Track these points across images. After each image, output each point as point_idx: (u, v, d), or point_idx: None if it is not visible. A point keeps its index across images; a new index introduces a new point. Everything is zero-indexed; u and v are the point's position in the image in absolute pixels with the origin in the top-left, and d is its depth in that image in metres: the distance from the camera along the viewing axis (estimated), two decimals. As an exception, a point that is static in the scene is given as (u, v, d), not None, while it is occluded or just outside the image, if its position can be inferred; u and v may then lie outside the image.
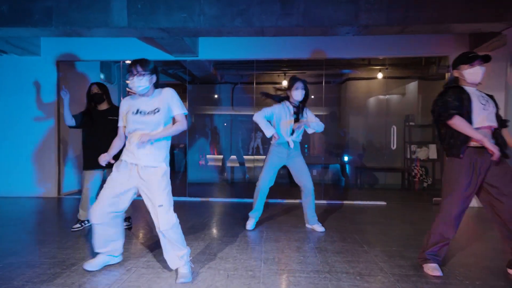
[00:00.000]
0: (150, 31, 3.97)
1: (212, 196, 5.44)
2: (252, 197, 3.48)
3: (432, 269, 2.33)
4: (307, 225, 3.53)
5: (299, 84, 3.30)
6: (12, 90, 5.19)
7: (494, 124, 2.26)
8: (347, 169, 6.88)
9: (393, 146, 4.97)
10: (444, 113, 2.23)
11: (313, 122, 3.37)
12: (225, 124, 7.85)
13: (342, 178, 6.85)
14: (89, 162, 3.31)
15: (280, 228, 3.50)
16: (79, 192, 5.66)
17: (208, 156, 7.74)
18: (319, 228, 3.41)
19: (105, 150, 2.34)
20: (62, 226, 3.57)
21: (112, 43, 5.15)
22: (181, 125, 2.23)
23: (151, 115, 2.16)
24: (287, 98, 3.43)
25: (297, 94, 3.29)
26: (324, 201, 4.91)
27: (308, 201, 3.43)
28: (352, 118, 7.06)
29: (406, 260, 2.61)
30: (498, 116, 2.31)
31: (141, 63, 2.18)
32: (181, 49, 4.78)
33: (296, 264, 2.51)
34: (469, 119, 2.21)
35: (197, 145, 7.46)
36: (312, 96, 6.43)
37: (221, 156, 7.56)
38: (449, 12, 3.55)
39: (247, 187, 6.47)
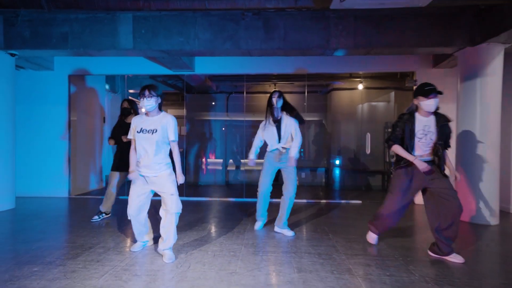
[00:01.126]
0: (152, 52, 4.60)
1: (207, 196, 6.05)
2: (242, 196, 4.08)
3: (371, 237, 3.21)
4: (276, 228, 3.67)
5: (274, 93, 3.67)
6: (28, 101, 5.81)
7: (426, 153, 2.84)
8: (334, 172, 7.50)
9: (368, 151, 5.57)
10: (388, 142, 2.98)
11: (294, 148, 3.57)
12: (223, 129, 8.46)
13: (329, 180, 7.47)
14: (115, 164, 4.09)
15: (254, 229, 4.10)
16: (87, 193, 6.28)
17: (205, 159, 8.34)
18: (288, 232, 3.57)
19: (128, 155, 2.94)
20: (77, 220, 4.18)
21: (119, 59, 5.78)
22: (177, 152, 2.83)
23: (149, 134, 2.72)
24: (270, 108, 3.68)
25: (274, 101, 3.62)
26: (305, 200, 5.52)
27: (284, 203, 3.62)
28: (337, 125, 7.68)
29: (360, 244, 3.22)
30: (445, 140, 2.84)
31: (150, 88, 2.73)
32: (179, 65, 5.41)
33: (270, 247, 3.12)
34: (410, 145, 2.84)
35: (194, 150, 8.07)
36: (305, 103, 7.08)
37: (217, 160, 8.17)
38: (406, 38, 4.20)
39: (240, 188, 7.07)
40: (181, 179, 2.82)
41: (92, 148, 6.78)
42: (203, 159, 8.25)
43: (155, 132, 2.72)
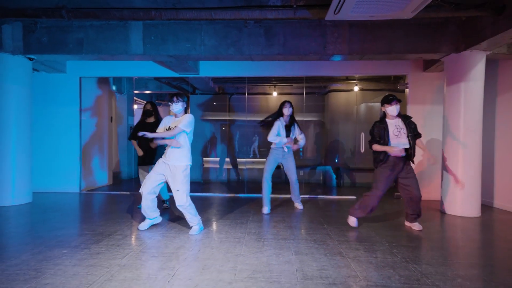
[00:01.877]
0: (161, 57, 4.95)
1: (210, 192, 6.40)
2: (244, 192, 4.43)
3: (352, 221, 3.79)
4: (297, 204, 4.89)
5: (287, 104, 4.61)
6: (42, 102, 6.15)
7: (405, 145, 3.57)
8: (331, 170, 7.85)
9: (362, 150, 5.92)
10: (369, 144, 3.73)
11: (300, 141, 4.72)
12: (223, 128, 8.80)
13: (326, 177, 7.83)
14: (140, 160, 4.64)
15: (263, 214, 4.46)
16: (96, 189, 6.62)
17: (208, 158, 8.69)
18: (299, 206, 4.85)
19: (148, 151, 3.81)
20: (91, 212, 4.53)
21: (127, 62, 6.13)
22: (172, 132, 3.39)
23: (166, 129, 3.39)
24: (281, 115, 4.62)
25: (286, 111, 4.59)
26: (302, 196, 5.87)
27: (293, 188, 4.79)
28: (334, 125, 8.04)
29: (352, 232, 3.58)
30: (413, 132, 3.58)
31: (178, 95, 3.50)
32: (185, 68, 5.76)
33: (271, 235, 3.47)
34: (388, 143, 3.59)
35: (197, 148, 8.41)
36: (304, 104, 7.43)
37: (220, 158, 8.52)
38: (396, 45, 4.55)
39: (242, 184, 7.42)
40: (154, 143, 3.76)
41: (101, 146, 7.12)
42: (206, 158, 8.60)
43: (172, 128, 3.41)
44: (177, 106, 3.47)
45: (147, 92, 8.62)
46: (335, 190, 6.87)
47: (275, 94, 8.19)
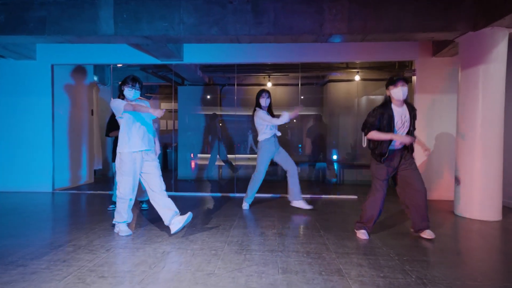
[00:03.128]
0: (135, 39, 4.34)
1: (197, 191, 5.81)
2: (233, 191, 3.85)
3: (362, 234, 3.11)
4: (293, 203, 4.29)
5: (264, 94, 4.21)
6: (10, 92, 5.56)
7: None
8: (330, 167, 7.26)
9: (364, 144, 5.33)
10: (364, 130, 3.07)
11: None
12: (214, 122, 8.18)
13: (324, 175, 7.23)
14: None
15: (251, 217, 3.88)
16: (74, 188, 6.03)
17: (198, 155, 8.10)
18: (305, 205, 4.25)
19: None
20: (56, 216, 3.94)
21: (104, 48, 5.52)
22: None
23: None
24: (259, 106, 4.25)
25: (263, 101, 4.21)
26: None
27: (294, 182, 4.24)
28: (334, 118, 7.44)
29: (352, 242, 2.99)
30: (413, 126, 3.04)
31: (135, 80, 3.16)
32: (166, 54, 5.15)
33: (255, 245, 2.88)
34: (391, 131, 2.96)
35: (187, 144, 7.80)
36: (302, 97, 6.84)
37: (208, 155, 7.91)
38: (404, 23, 3.93)
39: (231, 183, 6.84)
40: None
41: (79, 141, 6.52)
42: (194, 154, 8.01)
43: None
44: (138, 94, 3.18)
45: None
46: (334, 189, 6.28)
47: (269, 85, 7.57)
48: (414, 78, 5.24)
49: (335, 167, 7.15)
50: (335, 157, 7.29)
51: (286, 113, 3.91)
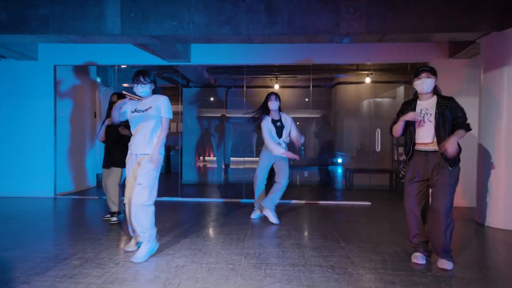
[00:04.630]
0: (142, 38, 4.16)
1: (204, 196, 5.62)
2: (242, 197, 3.66)
3: (415, 257, 2.64)
4: (265, 211, 3.84)
5: (272, 96, 3.86)
6: (11, 93, 5.37)
7: (428, 140, 2.55)
8: (340, 171, 7.07)
9: (378, 149, 5.17)
10: (391, 127, 2.78)
11: (299, 142, 3.89)
12: (220, 125, 8.00)
13: (334, 179, 7.04)
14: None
15: (264, 226, 3.68)
16: (75, 193, 5.84)
17: (202, 157, 7.91)
18: (272, 217, 3.80)
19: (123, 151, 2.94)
20: (58, 224, 3.75)
21: (108, 48, 5.34)
22: (164, 131, 2.64)
23: (143, 113, 2.63)
24: (267, 111, 3.88)
25: (271, 104, 3.85)
26: (306, 201, 5.09)
27: (276, 192, 3.84)
28: (343, 121, 7.26)
29: (377, 254, 2.80)
30: (453, 121, 2.54)
31: (145, 74, 2.65)
32: (173, 54, 4.97)
33: (275, 258, 2.69)
34: (412, 132, 2.61)
35: (191, 147, 7.61)
36: (307, 99, 6.66)
37: (215, 158, 7.73)
38: (425, 22, 3.76)
39: (240, 188, 6.64)
40: (154, 162, 2.57)
41: (82, 144, 6.33)
42: (200, 157, 7.82)
43: (149, 109, 2.65)
44: (143, 89, 2.68)
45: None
46: (345, 194, 6.09)
47: (277, 87, 7.39)
48: (429, 80, 5.06)
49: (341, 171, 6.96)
50: (342, 160, 7.11)
51: (283, 150, 3.71)
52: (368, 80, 6.59)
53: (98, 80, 7.11)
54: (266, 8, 3.88)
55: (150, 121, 2.62)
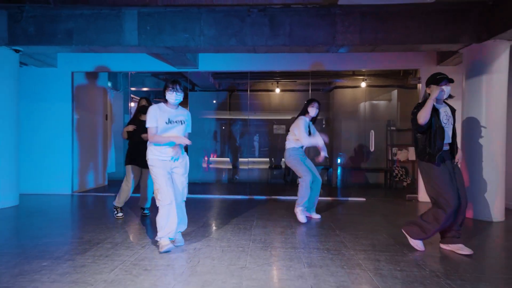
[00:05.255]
0: (157, 49, 4.59)
1: (211, 193, 6.04)
2: (247, 194, 4.07)
3: (416, 244, 2.94)
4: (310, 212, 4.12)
5: (314, 103, 4.03)
6: (31, 98, 5.78)
7: (449, 141, 2.87)
8: (337, 170, 7.49)
9: (372, 149, 5.57)
10: (413, 121, 2.85)
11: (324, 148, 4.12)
12: (223, 127, 8.44)
13: (332, 177, 7.47)
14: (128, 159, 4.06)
15: (268, 218, 4.10)
16: (89, 190, 6.26)
17: (208, 158, 8.33)
18: (315, 215, 4.12)
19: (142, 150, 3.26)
20: (81, 216, 4.17)
21: (122, 56, 5.76)
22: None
23: (179, 125, 2.95)
24: (306, 112, 4.06)
25: (312, 111, 4.02)
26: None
27: (314, 194, 4.04)
28: (340, 123, 7.68)
29: (367, 240, 3.22)
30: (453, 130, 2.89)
31: (179, 83, 2.94)
32: (183, 62, 5.40)
33: (278, 243, 3.11)
34: (442, 132, 2.77)
35: (197, 148, 8.03)
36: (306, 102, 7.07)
37: (221, 159, 8.16)
38: (412, 35, 4.19)
39: (244, 186, 7.06)
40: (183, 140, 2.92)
41: (95, 145, 6.75)
42: (206, 158, 8.24)
43: (183, 124, 3.00)
44: (178, 96, 2.90)
45: (145, 89, 8.24)
46: (342, 192, 6.51)
47: (278, 91, 7.83)
48: (419, 85, 5.50)
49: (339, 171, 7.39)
50: (340, 160, 7.53)
51: (320, 142, 4.00)
52: (363, 84, 7.02)
53: (109, 84, 7.53)
54: (270, 22, 4.31)
55: (182, 132, 2.99)
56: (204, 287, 2.17)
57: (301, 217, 3.94)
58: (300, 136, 3.93)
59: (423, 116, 2.74)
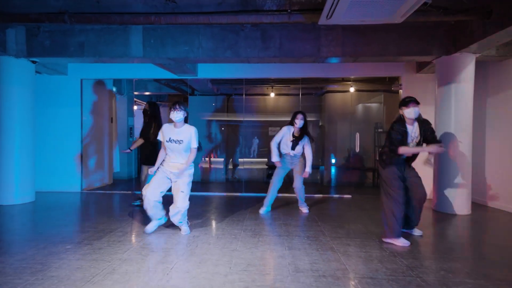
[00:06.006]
0: (160, 60, 5.08)
1: (210, 191, 6.54)
2: (242, 191, 4.55)
3: (401, 241, 3.23)
4: (300, 208, 4.71)
5: (299, 115, 4.40)
6: (45, 103, 6.28)
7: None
8: (328, 169, 7.99)
9: (357, 149, 6.05)
10: (392, 147, 3.23)
11: (309, 165, 4.50)
12: (222, 128, 8.95)
13: (323, 177, 7.96)
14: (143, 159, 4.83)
15: (259, 213, 4.59)
16: (97, 188, 6.75)
17: (207, 158, 8.83)
18: (304, 209, 4.67)
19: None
20: (93, 211, 4.66)
21: (127, 64, 6.25)
22: (193, 156, 3.44)
23: (177, 144, 3.35)
24: (293, 123, 4.44)
25: (297, 122, 4.39)
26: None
27: (298, 192, 4.65)
28: (331, 125, 8.17)
29: (344, 229, 3.71)
30: (428, 138, 3.31)
31: (180, 103, 3.34)
32: (184, 70, 5.89)
33: (266, 232, 3.60)
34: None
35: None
36: (301, 105, 7.56)
37: (218, 159, 8.66)
38: (389, 48, 4.68)
39: (240, 184, 7.55)
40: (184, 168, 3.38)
41: (101, 146, 7.25)
42: (205, 158, 8.73)
43: (181, 143, 3.36)
44: (178, 115, 3.31)
45: (147, 93, 8.75)
46: (331, 189, 7.00)
47: (272, 95, 8.33)
48: (400, 91, 5.99)
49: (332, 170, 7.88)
50: (332, 160, 8.02)
51: (278, 158, 4.43)
52: (352, 89, 7.51)
53: (114, 89, 8.02)
54: (261, 36, 4.80)
55: (183, 150, 3.37)
56: (201, 263, 2.66)
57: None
58: (272, 143, 4.46)
59: (405, 153, 3.24)
